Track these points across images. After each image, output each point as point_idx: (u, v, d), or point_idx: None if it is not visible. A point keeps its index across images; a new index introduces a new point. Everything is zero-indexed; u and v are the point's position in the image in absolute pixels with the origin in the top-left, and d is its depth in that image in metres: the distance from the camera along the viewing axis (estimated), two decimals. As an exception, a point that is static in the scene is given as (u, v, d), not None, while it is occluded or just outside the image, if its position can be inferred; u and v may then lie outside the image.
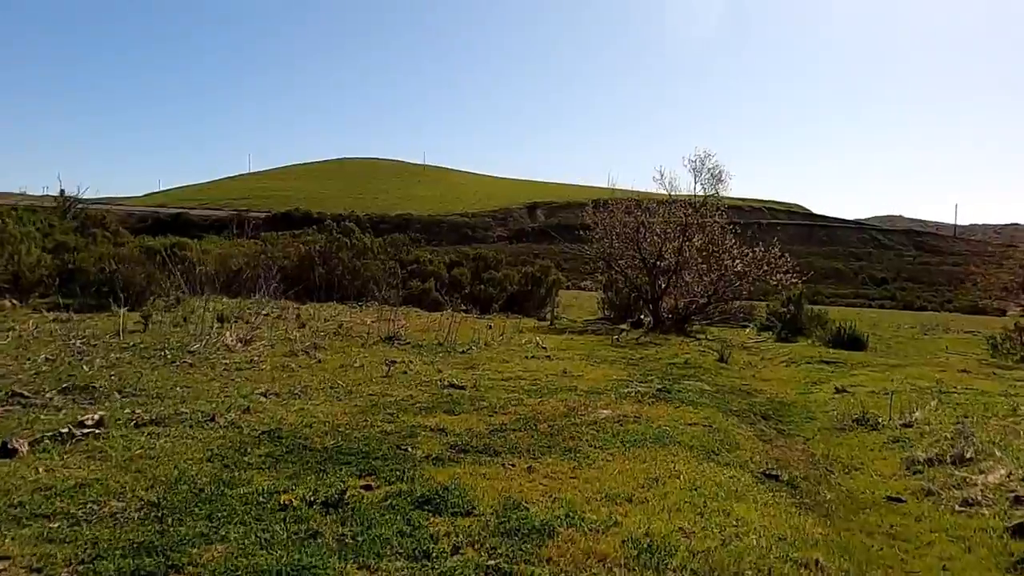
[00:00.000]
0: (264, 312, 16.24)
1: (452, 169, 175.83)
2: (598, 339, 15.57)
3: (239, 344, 10.02)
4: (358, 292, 21.42)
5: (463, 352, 10.95)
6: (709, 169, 18.33)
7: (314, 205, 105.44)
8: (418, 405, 6.68)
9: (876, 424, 7.27)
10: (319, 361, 9.06)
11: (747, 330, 20.46)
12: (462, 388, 7.65)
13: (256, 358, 9.04)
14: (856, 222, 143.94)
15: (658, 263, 19.36)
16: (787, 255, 18.30)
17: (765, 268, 18.25)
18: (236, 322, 14.00)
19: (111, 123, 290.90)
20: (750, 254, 18.74)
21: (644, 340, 15.90)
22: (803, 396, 9.38)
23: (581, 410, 6.72)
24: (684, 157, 18.64)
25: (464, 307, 22.86)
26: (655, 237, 19.28)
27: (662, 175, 18.89)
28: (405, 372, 8.54)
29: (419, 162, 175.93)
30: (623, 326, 20.06)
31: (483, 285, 23.83)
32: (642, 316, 21.19)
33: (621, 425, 6.13)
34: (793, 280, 18.18)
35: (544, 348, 12.58)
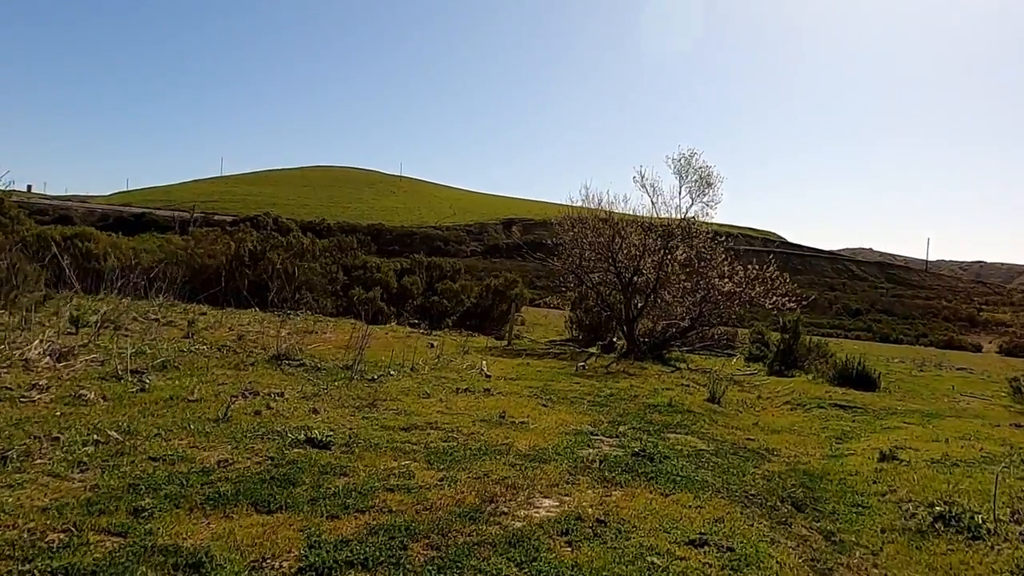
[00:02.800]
0: (155, 317, 13.32)
1: (429, 182, 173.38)
2: (560, 365, 12.80)
3: (46, 359, 7.10)
4: (289, 299, 18.50)
5: (372, 380, 8.11)
6: (696, 170, 15.75)
7: (284, 211, 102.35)
8: (217, 486, 3.81)
9: (975, 527, 4.58)
10: (143, 389, 6.17)
11: (734, 360, 17.86)
12: (325, 447, 4.82)
13: (49, 382, 6.13)
14: (830, 253, 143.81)
15: (634, 279, 16.71)
16: (785, 275, 15.73)
17: (759, 289, 15.66)
18: (104, 328, 11.12)
19: (85, 123, 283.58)
20: (741, 272, 16.16)
21: (616, 368, 13.17)
22: (835, 463, 6.66)
23: (504, 502, 3.92)
24: (667, 156, 16.06)
25: (413, 320, 20.01)
26: (632, 248, 16.64)
27: (643, 176, 16.27)
28: (257, 412, 5.68)
29: (396, 173, 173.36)
30: (592, 350, 17.35)
31: (437, 297, 21.00)
32: (614, 339, 18.51)
33: (571, 547, 3.34)
34: (791, 305, 15.60)
35: (487, 377, 9.78)
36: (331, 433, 5.13)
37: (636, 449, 5.62)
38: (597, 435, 6.26)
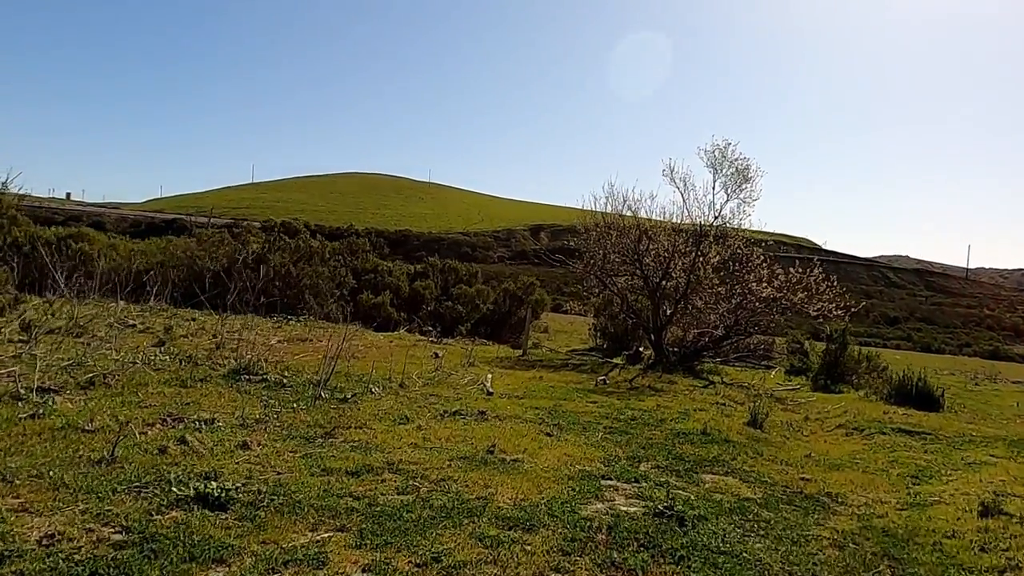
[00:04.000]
0: (132, 323, 12.19)
1: (457, 188, 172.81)
2: (578, 380, 11.36)
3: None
4: (292, 303, 17.32)
5: (344, 400, 6.77)
6: (732, 162, 14.20)
7: (313, 217, 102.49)
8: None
9: None
10: (36, 415, 4.89)
11: (773, 373, 16.24)
12: (220, 507, 3.46)
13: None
14: (865, 259, 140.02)
15: (663, 283, 15.20)
16: (833, 278, 14.10)
17: (802, 295, 14.04)
18: (69, 334, 10.01)
19: (123, 134, 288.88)
20: (781, 276, 14.56)
21: (641, 383, 11.70)
22: (919, 515, 5.14)
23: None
24: (699, 148, 14.53)
25: (425, 327, 18.69)
26: (660, 250, 15.14)
27: (672, 170, 14.76)
28: (163, 449, 4.35)
29: (424, 180, 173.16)
30: (616, 360, 15.87)
31: (451, 302, 19.68)
32: (641, 348, 17.02)
33: None
34: (837, 312, 13.96)
35: (489, 394, 8.38)
36: (243, 483, 3.79)
37: (661, 504, 4.18)
38: (610, 479, 4.84)
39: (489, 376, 9.83)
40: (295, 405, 6.22)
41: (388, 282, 19.60)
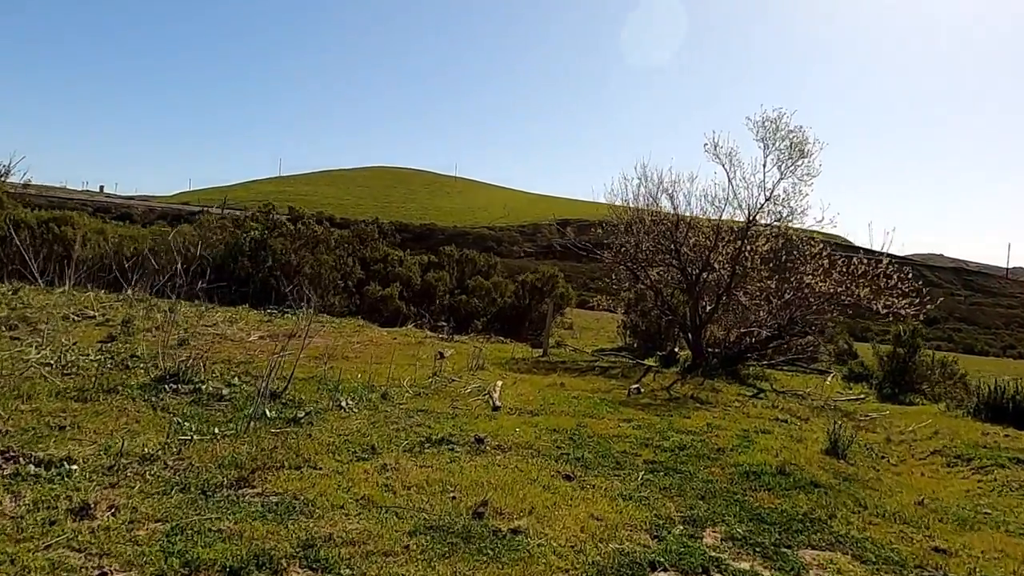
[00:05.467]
0: (93, 314, 10.63)
1: (483, 183, 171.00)
2: (606, 387, 9.56)
3: None
4: (289, 295, 15.71)
5: (292, 421, 5.05)
6: (787, 134, 12.24)
7: (339, 211, 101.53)
8: None
9: None
10: None
11: (828, 379, 14.27)
12: None
13: None
14: (901, 258, 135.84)
15: (704, 275, 13.32)
16: (906, 270, 12.08)
17: (867, 290, 12.07)
18: (6, 326, 8.53)
19: (155, 129, 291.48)
20: (841, 268, 12.59)
21: (681, 390, 9.87)
22: None
23: None
24: (747, 119, 12.58)
25: (438, 322, 16.98)
26: (701, 237, 13.26)
27: (716, 145, 12.83)
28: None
29: (451, 174, 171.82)
30: (649, 362, 14.02)
31: (467, 295, 17.95)
32: (676, 349, 15.15)
33: None
34: (910, 311, 11.96)
35: (496, 408, 6.62)
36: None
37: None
38: (664, 569, 3.04)
39: (498, 384, 8.06)
40: (220, 429, 4.52)
41: (398, 273, 17.92)
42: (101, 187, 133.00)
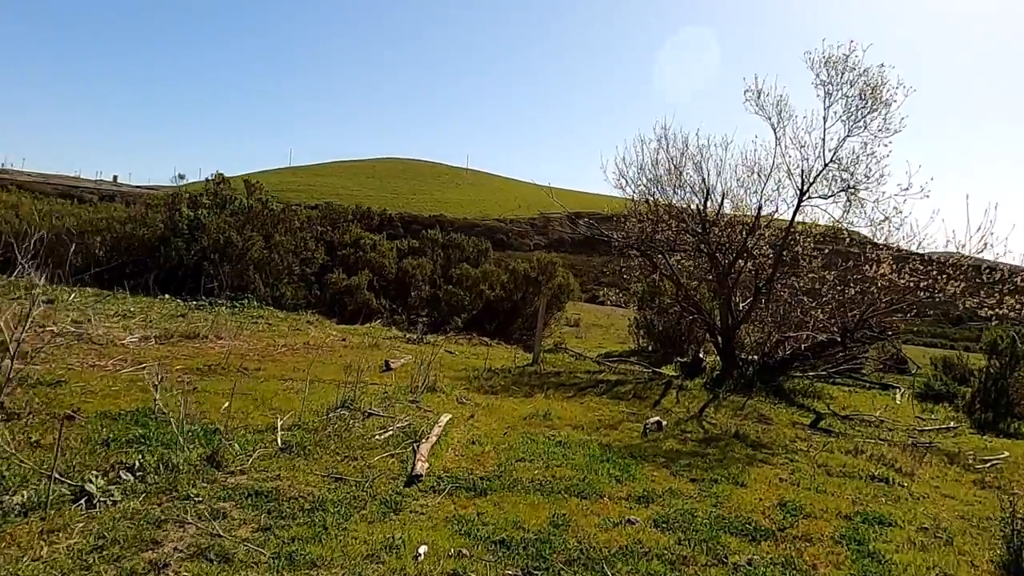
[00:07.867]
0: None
1: (494, 174, 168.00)
2: (611, 416, 6.68)
3: None
4: (227, 284, 12.92)
5: (23, 513, 2.18)
6: (855, 78, 9.24)
7: (348, 201, 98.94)
8: None
9: None
10: None
11: (897, 396, 11.30)
12: None
13: None
14: (919, 254, 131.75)
15: (738, 262, 10.42)
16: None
17: (956, 285, 9.08)
18: None
19: (168, 119, 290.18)
20: (916, 259, 9.63)
21: (717, 421, 6.99)
22: None
23: None
24: (807, 54, 9.56)
25: (420, 317, 14.11)
26: (738, 215, 10.36)
27: (759, 94, 9.87)
28: None
29: (461, 166, 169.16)
30: (668, 371, 11.11)
31: (451, 285, 15.10)
32: (701, 354, 12.21)
33: None
34: (1010, 314, 8.96)
35: (411, 483, 3.76)
36: None
37: None
38: None
39: (443, 420, 5.18)
40: None
41: (370, 259, 15.09)
42: (115, 177, 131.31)
